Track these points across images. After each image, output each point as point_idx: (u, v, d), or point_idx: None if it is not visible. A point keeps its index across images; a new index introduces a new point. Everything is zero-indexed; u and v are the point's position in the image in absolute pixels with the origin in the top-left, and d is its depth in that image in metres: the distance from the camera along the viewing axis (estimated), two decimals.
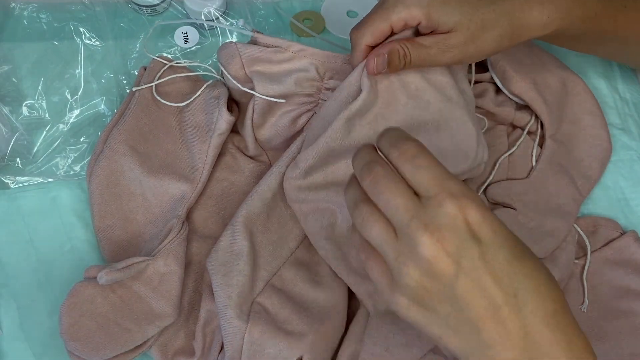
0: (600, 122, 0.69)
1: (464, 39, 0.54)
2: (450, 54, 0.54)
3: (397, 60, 0.54)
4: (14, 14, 0.73)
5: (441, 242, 0.38)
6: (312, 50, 0.60)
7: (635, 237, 0.64)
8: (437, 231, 0.38)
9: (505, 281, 0.38)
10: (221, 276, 0.55)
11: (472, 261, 0.38)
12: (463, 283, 0.38)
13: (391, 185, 0.40)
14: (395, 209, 0.39)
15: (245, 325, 0.53)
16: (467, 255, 0.38)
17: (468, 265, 0.38)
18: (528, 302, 0.38)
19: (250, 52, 0.60)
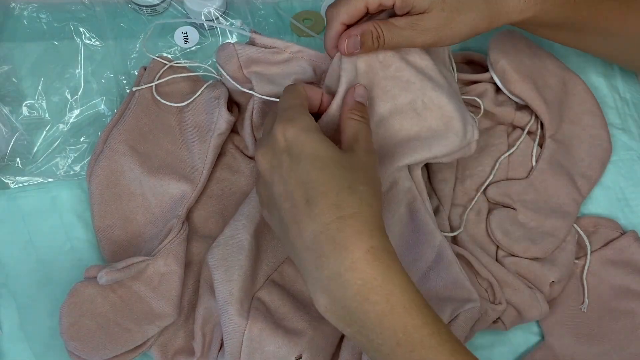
0: (600, 122, 0.69)
1: (439, 20, 0.54)
2: (425, 35, 0.54)
3: (371, 41, 0.54)
4: (14, 14, 0.73)
5: (264, 156, 0.49)
6: (310, 52, 0.60)
7: (635, 237, 0.64)
8: (263, 147, 0.49)
9: (303, 187, 0.46)
10: (223, 271, 0.55)
11: (281, 169, 0.47)
12: (276, 187, 0.48)
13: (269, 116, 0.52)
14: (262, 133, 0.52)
15: (245, 322, 0.53)
16: (278, 164, 0.48)
17: (278, 172, 0.48)
18: (316, 207, 0.45)
19: (248, 53, 0.61)
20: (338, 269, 0.44)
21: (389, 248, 0.46)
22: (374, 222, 0.46)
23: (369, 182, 0.47)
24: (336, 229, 0.45)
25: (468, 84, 0.68)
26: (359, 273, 0.44)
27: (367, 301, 0.44)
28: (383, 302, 0.44)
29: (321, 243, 0.45)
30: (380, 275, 0.44)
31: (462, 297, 0.55)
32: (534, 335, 0.62)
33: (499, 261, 0.62)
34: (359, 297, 0.44)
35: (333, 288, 0.45)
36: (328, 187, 0.46)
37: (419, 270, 0.57)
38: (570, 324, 0.61)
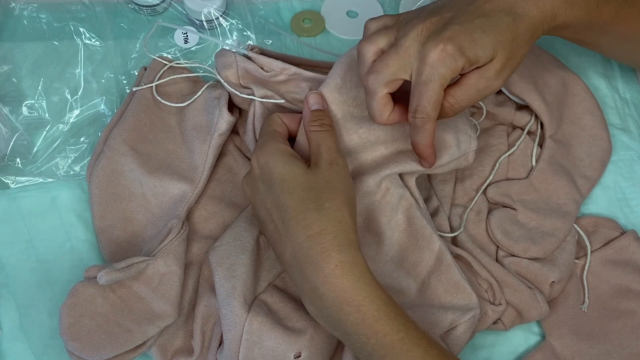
0: (600, 122, 0.69)
1: (506, 58, 0.51)
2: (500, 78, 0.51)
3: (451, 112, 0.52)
4: (14, 14, 0.73)
5: (247, 183, 0.54)
6: (306, 74, 0.60)
7: (635, 237, 0.64)
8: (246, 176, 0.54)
9: (277, 211, 0.50)
10: (225, 268, 0.55)
11: (260, 195, 0.52)
12: (259, 210, 0.53)
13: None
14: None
15: (246, 315, 0.53)
16: (257, 190, 0.53)
17: (258, 198, 0.52)
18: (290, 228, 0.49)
19: (247, 67, 0.61)
20: (314, 283, 0.48)
21: (357, 260, 0.49)
22: (342, 237, 0.49)
23: (334, 197, 0.50)
24: (308, 247, 0.48)
25: None
26: (331, 286, 0.48)
27: (342, 312, 0.48)
28: (355, 313, 0.47)
29: (299, 260, 0.49)
30: (350, 288, 0.47)
31: (463, 303, 0.55)
32: (534, 335, 0.62)
33: (499, 261, 0.62)
34: (334, 308, 0.48)
35: (314, 299, 0.49)
36: (296, 210, 0.49)
37: (419, 275, 0.57)
38: (571, 324, 0.61)
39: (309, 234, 0.48)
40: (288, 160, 0.52)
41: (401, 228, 0.58)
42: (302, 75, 0.60)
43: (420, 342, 0.48)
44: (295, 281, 0.50)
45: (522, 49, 0.52)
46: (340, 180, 0.52)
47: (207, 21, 0.72)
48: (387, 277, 0.58)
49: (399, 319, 0.48)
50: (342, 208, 0.50)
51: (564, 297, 0.62)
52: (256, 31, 0.74)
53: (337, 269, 0.47)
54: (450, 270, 0.56)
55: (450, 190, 0.64)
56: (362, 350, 0.48)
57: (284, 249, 0.50)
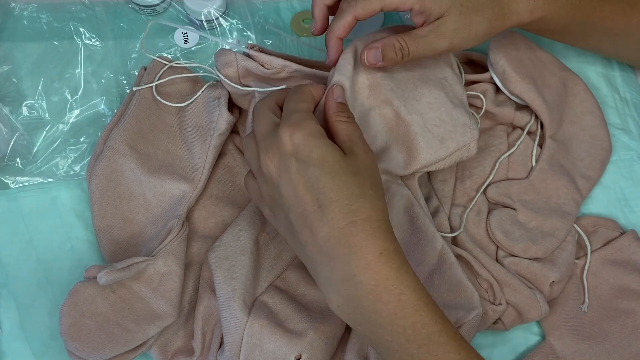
0: (600, 122, 0.69)
1: (458, 23, 0.55)
2: (447, 39, 0.56)
3: (393, 53, 0.55)
4: (14, 14, 0.73)
5: (270, 158, 0.49)
6: (307, 71, 0.60)
7: (635, 237, 0.64)
8: (270, 150, 0.49)
9: (313, 192, 0.47)
10: (225, 269, 0.55)
11: (290, 173, 0.48)
12: (285, 189, 0.48)
13: (259, 115, 0.52)
14: (256, 134, 0.51)
15: (247, 318, 0.53)
16: (286, 168, 0.48)
17: (286, 176, 0.48)
18: (328, 212, 0.47)
19: (248, 65, 0.61)
20: (352, 270, 0.46)
21: (398, 250, 0.48)
22: (384, 226, 0.48)
23: (375, 186, 0.49)
24: (349, 233, 0.46)
25: (468, 84, 0.68)
26: (372, 274, 0.46)
27: (380, 301, 0.46)
28: (394, 302, 0.46)
29: (334, 246, 0.47)
30: (392, 276, 0.46)
31: (465, 302, 0.55)
32: (534, 335, 0.62)
33: (499, 261, 0.62)
34: (371, 297, 0.46)
35: (346, 288, 0.47)
36: (339, 194, 0.47)
37: (422, 275, 0.57)
38: (571, 324, 0.61)
39: (353, 220, 0.46)
40: (329, 143, 0.49)
41: (403, 227, 0.58)
42: (303, 72, 0.60)
43: (455, 336, 0.47)
44: (317, 270, 0.48)
45: (480, 24, 0.56)
46: (377, 169, 0.51)
47: (207, 21, 0.72)
48: None
49: (437, 310, 0.47)
50: (382, 197, 0.49)
51: (564, 297, 0.62)
52: (256, 31, 0.74)
53: (381, 257, 0.46)
54: (453, 269, 0.56)
55: (450, 190, 0.64)
56: (392, 343, 0.47)
57: (313, 234, 0.47)
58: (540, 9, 0.58)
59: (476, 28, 0.56)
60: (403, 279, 0.47)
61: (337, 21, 0.56)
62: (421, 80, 0.59)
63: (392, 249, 0.47)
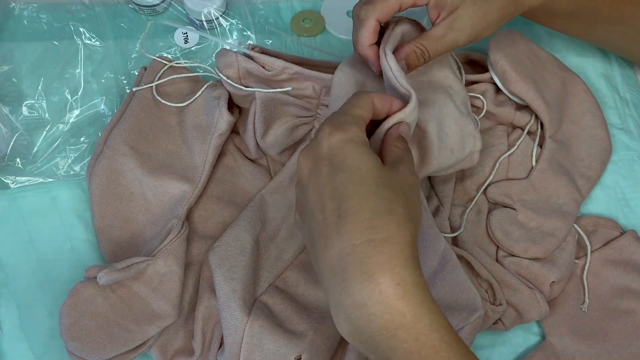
0: (600, 122, 0.69)
1: (474, 15, 0.55)
2: (466, 34, 0.55)
3: (416, 59, 0.55)
4: (14, 14, 0.73)
5: (305, 160, 0.45)
6: (308, 73, 0.60)
7: (635, 237, 0.64)
8: (307, 150, 0.46)
9: (336, 200, 0.43)
10: (225, 270, 0.55)
11: (319, 177, 0.44)
12: (311, 194, 0.44)
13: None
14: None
15: (247, 318, 0.53)
16: (317, 171, 0.44)
17: (315, 179, 0.44)
18: (346, 224, 0.41)
19: (249, 67, 0.61)
20: (364, 299, 0.40)
21: (421, 282, 0.41)
22: (408, 251, 0.41)
23: (409, 205, 0.43)
24: (364, 254, 0.41)
25: (468, 84, 0.68)
26: (387, 308, 0.40)
27: (394, 337, 0.41)
28: (411, 341, 0.41)
29: (347, 266, 0.41)
30: (410, 313, 0.40)
31: (468, 303, 0.55)
32: (534, 335, 0.62)
33: (499, 261, 0.62)
34: (384, 332, 0.41)
35: (357, 317, 0.41)
36: (362, 205, 0.42)
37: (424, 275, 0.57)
38: (571, 324, 0.61)
39: (371, 238, 0.41)
40: (368, 152, 0.44)
41: None
42: (304, 74, 0.60)
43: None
44: (329, 289, 0.42)
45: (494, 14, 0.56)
46: (418, 193, 0.46)
47: (207, 21, 0.72)
48: None
49: (461, 350, 0.42)
50: (414, 219, 0.43)
51: (564, 297, 0.62)
52: (256, 31, 0.74)
53: (398, 289, 0.40)
54: (455, 270, 0.56)
55: (450, 190, 0.64)
56: None
57: (327, 247, 0.42)
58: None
59: (491, 17, 0.56)
60: (422, 316, 0.40)
61: (361, 30, 0.55)
62: (431, 89, 0.59)
63: (411, 280, 0.41)
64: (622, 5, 0.62)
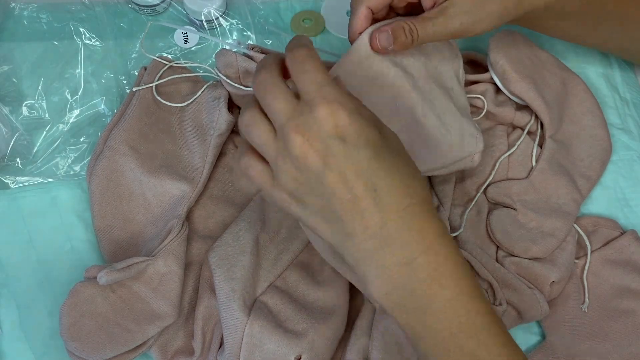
0: (600, 122, 0.69)
1: (469, 2, 0.53)
2: (457, 21, 0.53)
3: (404, 35, 0.53)
4: (14, 14, 0.73)
5: (310, 141, 0.42)
6: None
7: (635, 237, 0.64)
8: (307, 132, 0.42)
9: (365, 176, 0.42)
10: (225, 270, 0.55)
11: (337, 157, 0.42)
12: (329, 176, 0.42)
13: (274, 88, 0.43)
14: (274, 111, 0.43)
15: (247, 318, 0.53)
16: (332, 152, 0.42)
17: (333, 161, 0.42)
18: (385, 196, 0.43)
19: (248, 67, 0.61)
20: (412, 254, 0.43)
21: (450, 236, 0.45)
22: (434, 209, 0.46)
23: (415, 166, 0.46)
24: (410, 216, 0.43)
25: (468, 84, 0.68)
26: (434, 256, 0.43)
27: (437, 284, 0.43)
28: (453, 286, 0.43)
29: (391, 231, 0.43)
30: (452, 259, 0.44)
31: None
32: (534, 335, 0.62)
33: (499, 261, 0.62)
34: (429, 281, 0.43)
35: (400, 274, 0.43)
36: (395, 176, 0.43)
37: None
38: (571, 324, 0.61)
39: (412, 202, 0.43)
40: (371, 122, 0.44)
41: None
42: None
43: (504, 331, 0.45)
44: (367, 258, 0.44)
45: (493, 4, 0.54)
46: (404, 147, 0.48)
47: (207, 21, 0.72)
48: None
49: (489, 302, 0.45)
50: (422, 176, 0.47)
51: (564, 297, 0.62)
52: (256, 31, 0.74)
53: (441, 238, 0.44)
54: None
55: (450, 190, 0.64)
56: (442, 333, 0.43)
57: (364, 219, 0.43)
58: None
59: (490, 8, 0.54)
60: (462, 262, 0.44)
61: (352, 17, 0.54)
62: (436, 83, 0.59)
63: (445, 232, 0.45)
64: (629, 6, 0.61)
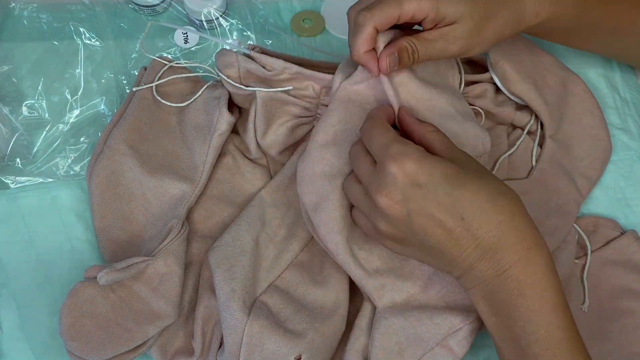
0: (600, 122, 0.69)
1: (469, 29, 0.55)
2: (456, 45, 0.55)
3: (407, 57, 0.55)
4: (14, 14, 0.73)
5: (389, 195, 0.48)
6: (310, 73, 0.60)
7: (635, 237, 0.64)
8: (384, 188, 0.49)
9: (450, 210, 0.48)
10: (225, 270, 0.55)
11: (418, 202, 0.48)
12: (416, 220, 0.48)
13: (359, 157, 0.52)
14: (360, 176, 0.52)
15: (247, 318, 0.53)
16: (412, 199, 0.48)
17: (415, 206, 0.48)
18: (474, 221, 0.47)
19: (249, 67, 0.61)
20: (503, 267, 0.48)
21: (544, 244, 0.49)
22: (528, 218, 0.49)
23: (500, 181, 0.50)
24: (500, 234, 0.47)
25: (468, 84, 0.68)
26: (521, 269, 0.47)
27: (522, 296, 0.47)
28: (536, 298, 0.47)
29: (485, 247, 0.48)
30: (539, 273, 0.48)
31: (467, 303, 0.55)
32: None
33: None
34: (515, 292, 0.47)
35: (493, 284, 0.48)
36: (479, 200, 0.48)
37: (424, 274, 0.57)
38: None
39: (501, 219, 0.48)
40: (439, 158, 0.49)
41: None
42: (304, 74, 0.60)
43: (582, 348, 0.48)
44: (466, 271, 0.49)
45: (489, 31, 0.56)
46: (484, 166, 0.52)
47: (207, 21, 0.72)
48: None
49: (571, 318, 0.48)
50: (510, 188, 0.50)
51: None
52: (256, 31, 0.74)
53: (530, 252, 0.48)
54: None
55: None
56: (521, 340, 0.48)
57: (460, 245, 0.48)
58: (546, 10, 0.58)
59: (485, 34, 0.56)
60: (549, 276, 0.48)
61: (358, 37, 0.54)
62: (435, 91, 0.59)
63: (540, 243, 0.48)
64: (622, 16, 0.62)
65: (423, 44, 0.55)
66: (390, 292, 0.56)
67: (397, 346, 0.54)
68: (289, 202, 0.62)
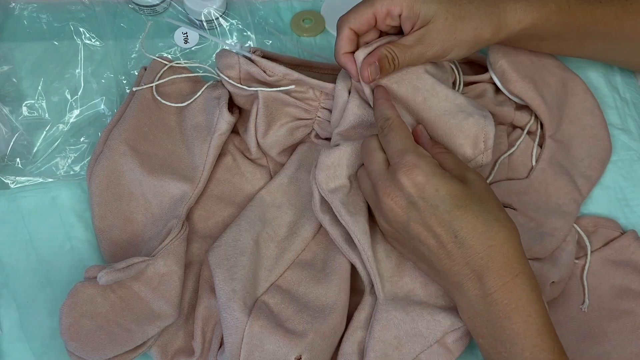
0: (600, 122, 0.69)
1: (444, 31, 0.56)
2: (433, 48, 0.57)
3: (387, 64, 0.56)
4: (14, 14, 0.73)
5: (394, 200, 0.52)
6: (310, 81, 0.61)
7: (635, 237, 0.64)
8: (391, 193, 0.52)
9: (446, 226, 0.50)
10: (225, 270, 0.55)
11: (419, 212, 0.51)
12: (413, 227, 0.52)
13: (372, 154, 0.54)
14: (370, 172, 0.54)
15: (247, 318, 0.53)
16: (414, 208, 0.51)
17: (415, 215, 0.51)
18: (466, 241, 0.50)
19: (250, 70, 0.61)
20: (488, 290, 0.50)
21: (531, 273, 0.51)
22: (519, 247, 0.51)
23: (500, 207, 0.52)
24: (489, 257, 0.50)
25: (468, 84, 0.68)
26: (507, 294, 0.50)
27: (508, 319, 0.50)
28: (521, 322, 0.49)
29: (473, 269, 0.50)
30: (524, 298, 0.50)
31: None
32: None
33: None
34: (501, 315, 0.50)
35: (479, 305, 0.51)
36: (475, 223, 0.50)
37: (421, 274, 0.57)
38: (570, 324, 0.61)
39: (491, 244, 0.50)
40: (449, 177, 0.52)
41: None
42: (305, 82, 0.61)
43: None
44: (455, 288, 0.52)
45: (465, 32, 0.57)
46: (492, 191, 0.54)
47: (207, 21, 0.72)
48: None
49: (557, 340, 0.50)
50: (508, 216, 0.52)
51: (564, 297, 0.62)
52: (256, 31, 0.74)
53: (517, 279, 0.50)
54: None
55: None
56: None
57: (451, 260, 0.51)
58: (529, 16, 0.59)
59: (461, 36, 0.57)
60: (533, 302, 0.50)
61: (337, 39, 0.58)
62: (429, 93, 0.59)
63: (526, 272, 0.51)
64: (610, 20, 0.62)
65: (401, 49, 0.56)
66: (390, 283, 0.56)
67: (395, 340, 0.54)
68: (290, 202, 0.62)
